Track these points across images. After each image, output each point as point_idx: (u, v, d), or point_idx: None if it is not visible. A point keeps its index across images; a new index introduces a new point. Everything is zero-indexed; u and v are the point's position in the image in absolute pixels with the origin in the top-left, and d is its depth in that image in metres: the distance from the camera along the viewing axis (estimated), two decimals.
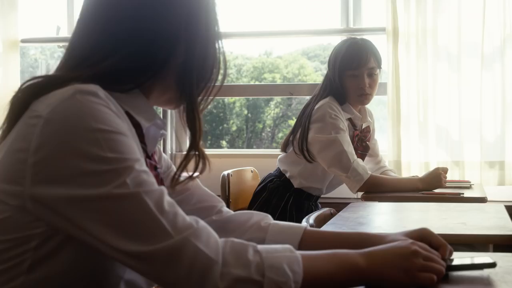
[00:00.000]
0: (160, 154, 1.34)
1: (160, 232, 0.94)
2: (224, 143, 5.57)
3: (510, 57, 3.40)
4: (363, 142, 2.94)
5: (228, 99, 5.18)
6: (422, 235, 1.20)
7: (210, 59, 1.14)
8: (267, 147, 4.92)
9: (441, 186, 2.77)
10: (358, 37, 3.11)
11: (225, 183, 2.93)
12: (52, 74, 1.09)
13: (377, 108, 3.82)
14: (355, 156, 2.82)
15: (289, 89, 3.98)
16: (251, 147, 5.29)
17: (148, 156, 1.17)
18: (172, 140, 3.97)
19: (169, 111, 3.90)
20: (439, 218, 2.06)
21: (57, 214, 0.95)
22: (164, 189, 0.99)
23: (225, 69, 1.17)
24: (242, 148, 5.26)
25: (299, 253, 1.03)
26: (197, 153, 1.15)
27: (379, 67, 2.92)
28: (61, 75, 1.06)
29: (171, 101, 1.17)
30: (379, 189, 2.81)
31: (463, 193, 2.67)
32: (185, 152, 1.16)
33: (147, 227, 0.94)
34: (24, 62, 4.80)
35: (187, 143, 1.12)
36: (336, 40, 4.28)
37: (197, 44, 1.12)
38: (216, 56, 1.15)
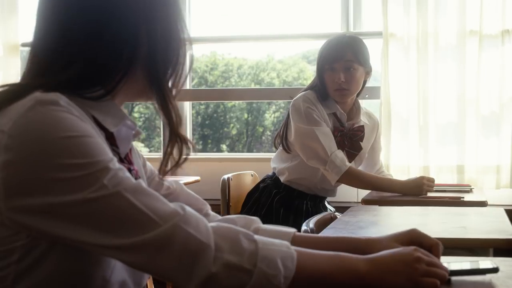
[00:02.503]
0: (144, 161, 1.32)
1: (147, 222, 0.94)
2: (224, 147, 5.58)
3: (508, 62, 3.40)
4: (352, 139, 2.91)
5: (228, 103, 5.18)
6: (412, 237, 1.20)
7: (173, 42, 1.10)
8: (267, 151, 4.92)
9: (421, 194, 2.77)
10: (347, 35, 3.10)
11: (225, 187, 2.92)
12: (17, 83, 1.06)
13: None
14: (334, 148, 2.81)
15: (289, 93, 3.96)
16: (251, 151, 5.28)
17: (121, 159, 1.15)
18: None
19: None
20: (439, 222, 2.06)
21: (40, 224, 0.94)
22: (141, 181, 0.98)
23: (192, 56, 1.14)
24: (242, 152, 5.26)
25: (296, 249, 1.02)
26: (178, 139, 1.11)
27: (360, 64, 2.86)
28: (25, 84, 1.04)
29: (142, 94, 1.13)
30: (357, 182, 2.85)
31: (463, 197, 2.67)
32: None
33: (133, 220, 0.93)
34: (24, 66, 4.81)
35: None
36: None
37: (157, 29, 1.08)
38: (179, 38, 1.11)
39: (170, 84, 1.10)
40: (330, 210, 2.98)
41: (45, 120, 0.94)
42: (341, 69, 2.83)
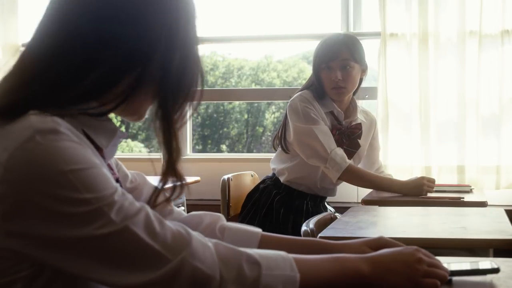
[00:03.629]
0: (117, 162, 1.29)
1: (157, 258, 0.93)
2: (224, 147, 5.58)
3: (508, 62, 3.40)
4: (350, 137, 2.92)
5: (228, 104, 5.18)
6: (381, 243, 1.20)
7: (190, 70, 1.04)
8: (267, 151, 4.92)
9: (421, 195, 2.77)
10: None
11: (225, 187, 2.92)
12: (6, 92, 0.98)
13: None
14: (333, 145, 2.82)
15: (289, 93, 3.97)
16: (251, 151, 5.29)
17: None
18: None
19: None
20: (439, 223, 2.06)
21: (45, 257, 0.92)
22: (146, 208, 0.96)
23: (203, 84, 1.07)
24: (242, 152, 5.26)
25: (296, 259, 1.01)
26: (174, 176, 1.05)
27: (356, 62, 2.87)
28: (18, 99, 0.95)
29: (134, 114, 1.08)
30: (358, 179, 2.86)
31: (463, 197, 2.67)
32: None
33: (143, 257, 0.92)
34: None
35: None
36: None
37: (176, 53, 1.02)
38: (195, 69, 1.05)
39: (177, 114, 1.05)
40: (330, 211, 2.98)
41: (45, 153, 0.89)
42: (338, 68, 2.84)
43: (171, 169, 1.04)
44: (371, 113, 3.13)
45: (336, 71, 2.83)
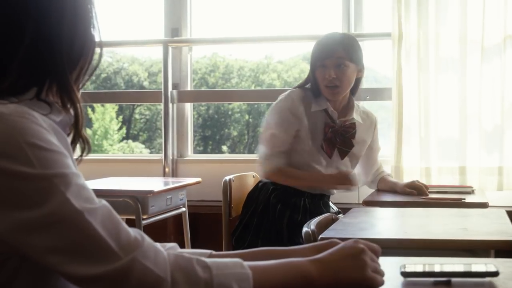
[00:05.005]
0: None
1: (107, 253, 0.93)
2: (225, 148, 5.58)
3: (511, 65, 3.40)
4: (344, 136, 2.93)
5: (228, 105, 5.18)
6: (332, 247, 1.20)
7: (80, 40, 1.07)
8: None
9: (345, 184, 2.82)
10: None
11: (227, 188, 2.93)
12: None
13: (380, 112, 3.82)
14: (279, 148, 2.89)
15: None
16: (252, 152, 5.28)
17: None
18: (174, 145, 3.96)
19: (170, 115, 3.91)
20: (441, 224, 2.06)
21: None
22: (107, 205, 0.97)
23: (101, 48, 1.10)
24: (243, 153, 5.26)
25: (249, 265, 1.02)
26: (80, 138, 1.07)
27: (352, 61, 2.86)
28: None
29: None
30: (288, 178, 2.91)
31: (464, 198, 2.67)
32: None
33: (94, 249, 0.93)
34: None
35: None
36: None
37: (64, 25, 1.04)
38: (87, 36, 1.08)
39: (73, 82, 1.07)
40: (333, 209, 2.98)
41: (8, 126, 0.92)
42: (332, 66, 2.85)
43: (78, 135, 1.06)
44: (373, 114, 3.13)
45: (330, 70, 2.84)
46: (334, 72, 2.83)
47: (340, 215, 2.62)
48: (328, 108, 2.91)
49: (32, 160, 0.91)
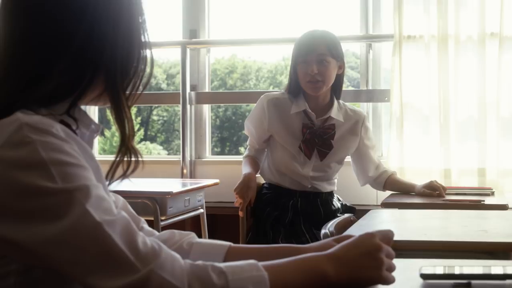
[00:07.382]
0: None
1: (126, 266, 0.93)
2: (242, 149, 5.59)
3: None
4: (322, 137, 2.92)
5: (246, 106, 5.18)
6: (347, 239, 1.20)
7: (135, 48, 1.08)
8: None
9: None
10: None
11: None
12: None
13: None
14: (255, 145, 3.07)
15: None
16: None
17: None
18: (192, 147, 3.97)
19: (188, 116, 3.92)
20: (460, 226, 2.04)
21: (22, 251, 0.94)
22: (125, 215, 0.97)
23: (152, 62, 1.11)
24: None
25: (265, 265, 1.02)
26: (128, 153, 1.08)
27: (333, 57, 2.88)
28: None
29: (99, 99, 1.09)
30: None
31: (484, 200, 2.65)
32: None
33: (113, 262, 0.93)
34: None
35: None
36: (354, 47, 4.29)
37: (119, 34, 1.05)
38: (140, 47, 1.09)
39: (128, 91, 1.08)
40: (334, 207, 2.95)
41: (33, 145, 0.93)
42: (314, 62, 2.86)
43: (125, 146, 1.06)
44: (362, 113, 3.08)
45: (313, 65, 2.85)
46: (317, 68, 2.84)
47: (348, 214, 2.59)
48: (306, 109, 2.91)
49: (55, 176, 0.92)
